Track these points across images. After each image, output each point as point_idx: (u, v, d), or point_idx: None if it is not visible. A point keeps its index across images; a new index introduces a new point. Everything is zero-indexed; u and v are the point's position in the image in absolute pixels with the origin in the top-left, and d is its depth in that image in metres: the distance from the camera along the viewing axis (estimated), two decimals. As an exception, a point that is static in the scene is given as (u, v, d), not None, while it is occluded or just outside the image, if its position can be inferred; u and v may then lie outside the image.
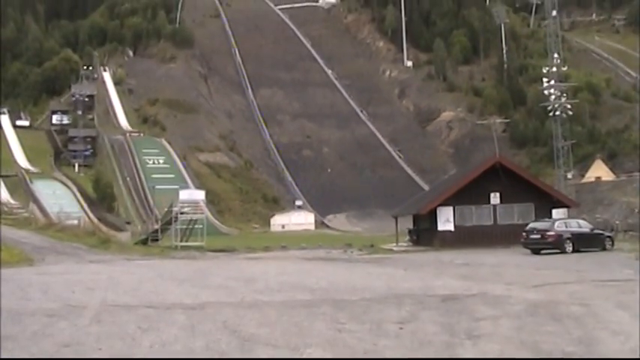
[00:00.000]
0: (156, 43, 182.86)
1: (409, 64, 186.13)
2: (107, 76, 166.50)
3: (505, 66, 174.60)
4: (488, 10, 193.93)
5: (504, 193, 50.65)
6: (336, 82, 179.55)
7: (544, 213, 48.20)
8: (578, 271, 26.19)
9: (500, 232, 48.74)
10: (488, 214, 50.81)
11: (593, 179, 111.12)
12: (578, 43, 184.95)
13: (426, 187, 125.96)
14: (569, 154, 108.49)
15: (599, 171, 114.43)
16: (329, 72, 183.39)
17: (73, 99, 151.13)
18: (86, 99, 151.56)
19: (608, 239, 41.90)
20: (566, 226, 40.68)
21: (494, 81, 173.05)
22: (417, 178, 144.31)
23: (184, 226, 61.89)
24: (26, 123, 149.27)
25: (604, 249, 40.53)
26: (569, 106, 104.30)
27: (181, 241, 59.91)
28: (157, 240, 62.01)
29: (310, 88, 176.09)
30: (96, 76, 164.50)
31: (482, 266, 30.47)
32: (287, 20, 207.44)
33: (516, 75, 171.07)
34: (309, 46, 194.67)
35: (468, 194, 50.25)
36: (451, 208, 50.62)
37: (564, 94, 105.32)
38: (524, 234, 40.78)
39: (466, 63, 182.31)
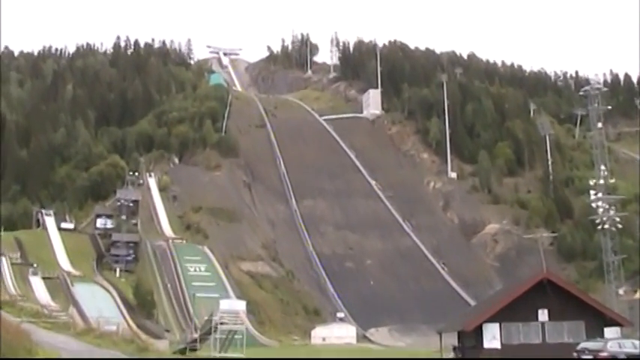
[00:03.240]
0: (202, 151, 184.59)
1: (453, 175, 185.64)
2: (152, 183, 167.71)
3: (551, 177, 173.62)
4: (533, 121, 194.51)
5: (553, 309, 48.90)
6: (379, 193, 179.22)
7: (596, 332, 46.30)
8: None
9: (550, 351, 46.73)
10: (536, 332, 48.91)
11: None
12: (625, 154, 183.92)
13: (471, 301, 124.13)
14: (620, 268, 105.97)
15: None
16: (372, 182, 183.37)
17: (118, 204, 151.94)
18: (131, 204, 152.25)
19: (665, 361, 39.98)
20: (620, 347, 38.88)
21: (540, 193, 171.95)
22: (461, 292, 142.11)
23: (224, 336, 60.77)
24: (71, 226, 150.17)
25: (661, 372, 38.68)
26: (618, 219, 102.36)
27: (220, 351, 58.77)
28: (196, 350, 61.04)
29: (354, 199, 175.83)
30: (141, 182, 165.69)
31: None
32: (331, 130, 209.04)
33: (562, 187, 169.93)
34: (352, 156, 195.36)
35: (515, 311, 48.55)
36: (497, 324, 48.89)
37: (613, 207, 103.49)
38: (575, 354, 39.10)
39: (511, 174, 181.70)
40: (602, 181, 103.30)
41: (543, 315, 49.12)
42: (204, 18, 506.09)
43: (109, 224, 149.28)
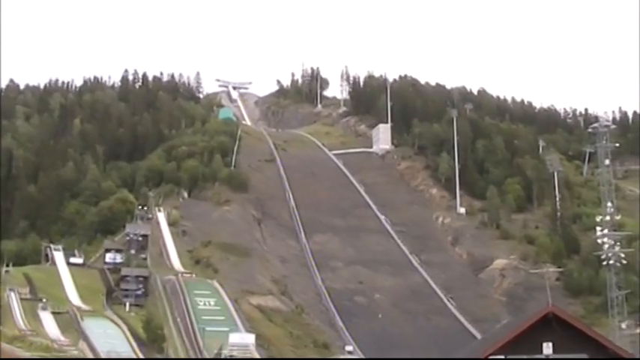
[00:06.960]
0: (211, 186, 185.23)
1: (462, 210, 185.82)
2: (162, 217, 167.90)
3: (559, 214, 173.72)
4: (542, 158, 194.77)
5: (558, 343, 49.16)
6: (389, 229, 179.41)
7: (599, 365, 46.67)
8: None
9: (554, 383, 47.10)
10: (540, 365, 49.33)
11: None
12: (632, 192, 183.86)
13: (480, 336, 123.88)
14: (624, 304, 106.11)
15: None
16: (382, 218, 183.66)
17: (127, 238, 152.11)
18: (140, 239, 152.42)
19: (672, 397, 40.21)
20: (622, 380, 39.16)
21: (548, 229, 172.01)
22: (470, 328, 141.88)
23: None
24: (80, 261, 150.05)
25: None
26: (623, 255, 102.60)
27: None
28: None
29: (364, 234, 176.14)
30: (150, 216, 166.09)
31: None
32: (341, 166, 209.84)
33: (570, 223, 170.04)
34: (363, 191, 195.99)
35: (520, 344, 48.90)
36: (502, 357, 49.35)
37: (618, 243, 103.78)
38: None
39: (520, 211, 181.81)
40: (608, 218, 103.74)
41: (548, 348, 49.32)
42: (213, 51, 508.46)
43: (118, 259, 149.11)
